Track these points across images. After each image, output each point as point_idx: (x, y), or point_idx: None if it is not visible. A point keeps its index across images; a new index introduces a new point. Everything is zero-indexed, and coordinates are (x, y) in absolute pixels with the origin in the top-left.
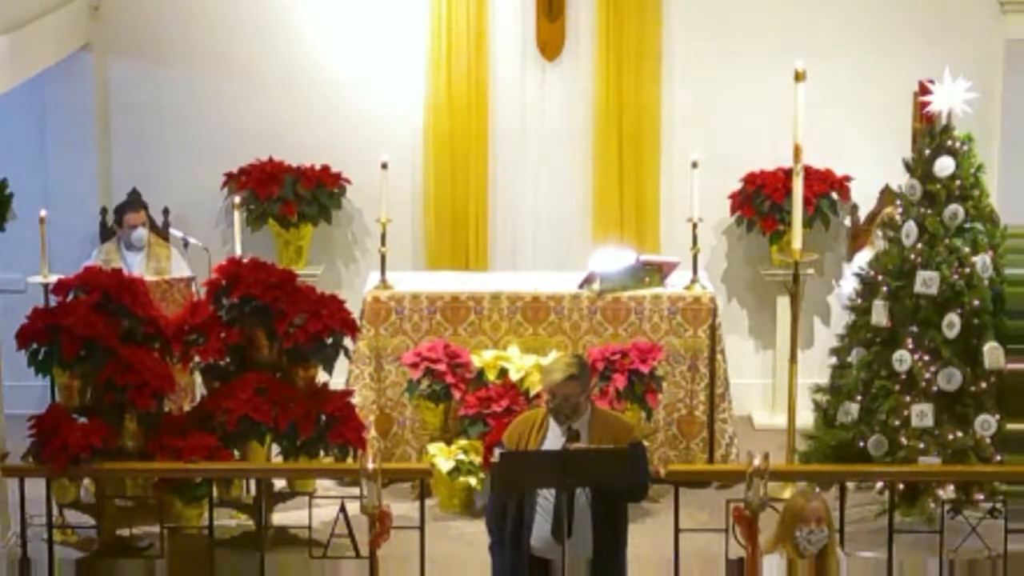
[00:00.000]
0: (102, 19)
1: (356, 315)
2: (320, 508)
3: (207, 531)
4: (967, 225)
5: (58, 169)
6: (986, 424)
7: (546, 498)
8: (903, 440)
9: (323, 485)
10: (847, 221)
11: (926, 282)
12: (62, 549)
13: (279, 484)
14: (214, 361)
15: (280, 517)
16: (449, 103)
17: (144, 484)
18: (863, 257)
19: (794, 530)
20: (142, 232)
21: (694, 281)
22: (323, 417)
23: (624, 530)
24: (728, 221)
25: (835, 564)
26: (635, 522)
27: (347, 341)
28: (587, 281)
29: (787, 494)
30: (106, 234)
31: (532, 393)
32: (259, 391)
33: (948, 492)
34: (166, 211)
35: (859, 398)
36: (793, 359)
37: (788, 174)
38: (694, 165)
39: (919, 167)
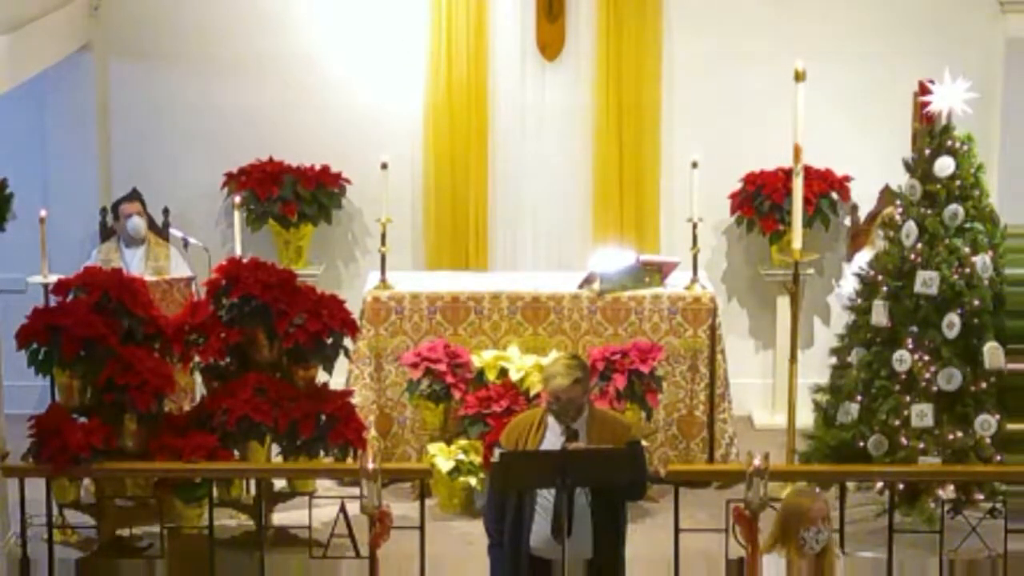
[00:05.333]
0: (102, 19)
1: (356, 315)
2: (320, 508)
3: (207, 531)
4: (967, 225)
5: (58, 169)
6: (986, 424)
7: (546, 498)
8: (903, 440)
9: (323, 485)
10: (847, 221)
11: (926, 282)
12: (62, 549)
13: (279, 484)
14: (214, 361)
15: (280, 517)
16: (449, 103)
17: (144, 484)
18: (863, 257)
19: (799, 530)
20: (137, 221)
21: (694, 281)
22: (323, 417)
23: (623, 530)
24: (728, 221)
25: (834, 563)
26: (635, 522)
27: (347, 341)
28: (587, 281)
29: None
30: (106, 234)
31: (532, 393)
32: (259, 391)
33: (948, 492)
34: (166, 211)
35: (859, 398)
36: (793, 359)
37: (788, 174)
38: (694, 165)
39: (919, 167)
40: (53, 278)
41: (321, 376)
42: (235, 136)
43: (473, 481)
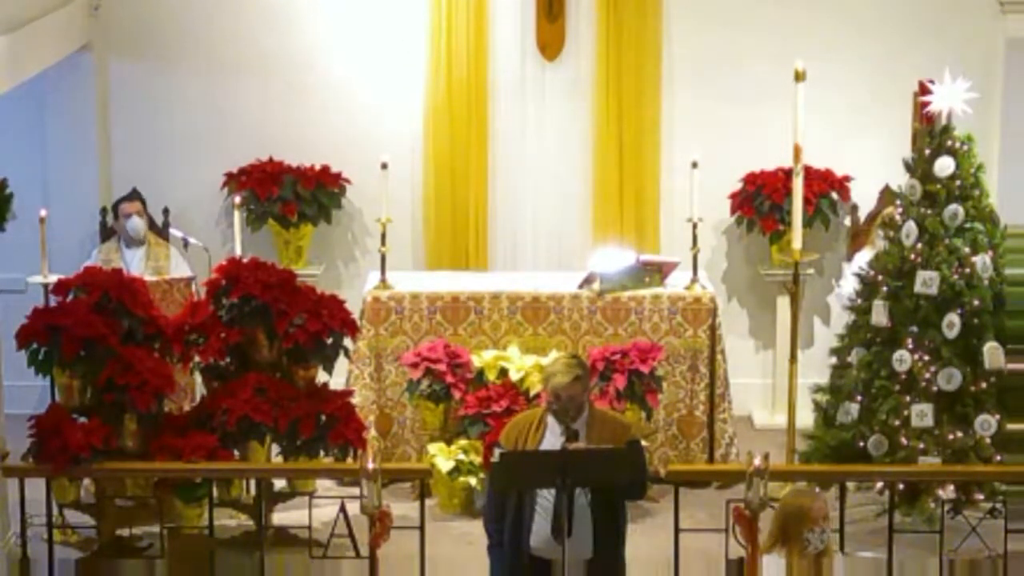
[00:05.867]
0: (102, 19)
1: (356, 315)
2: (320, 508)
3: (207, 531)
4: (967, 225)
5: (58, 169)
6: (986, 424)
7: (546, 498)
8: (903, 440)
9: (323, 485)
10: (847, 221)
11: (926, 282)
12: (62, 549)
13: (279, 484)
14: (214, 361)
15: (280, 517)
16: (449, 103)
17: (144, 484)
18: (863, 257)
19: (803, 531)
20: (137, 221)
21: (694, 281)
22: (323, 417)
23: (624, 530)
24: (728, 221)
25: (834, 563)
26: (635, 522)
27: (347, 341)
28: (587, 281)
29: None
30: (106, 234)
31: (532, 393)
32: (259, 391)
33: (948, 492)
34: (166, 211)
35: (859, 398)
36: (793, 359)
37: (788, 174)
38: (694, 165)
39: (919, 167)
40: (53, 278)
41: (321, 376)
42: (235, 136)
43: (473, 481)
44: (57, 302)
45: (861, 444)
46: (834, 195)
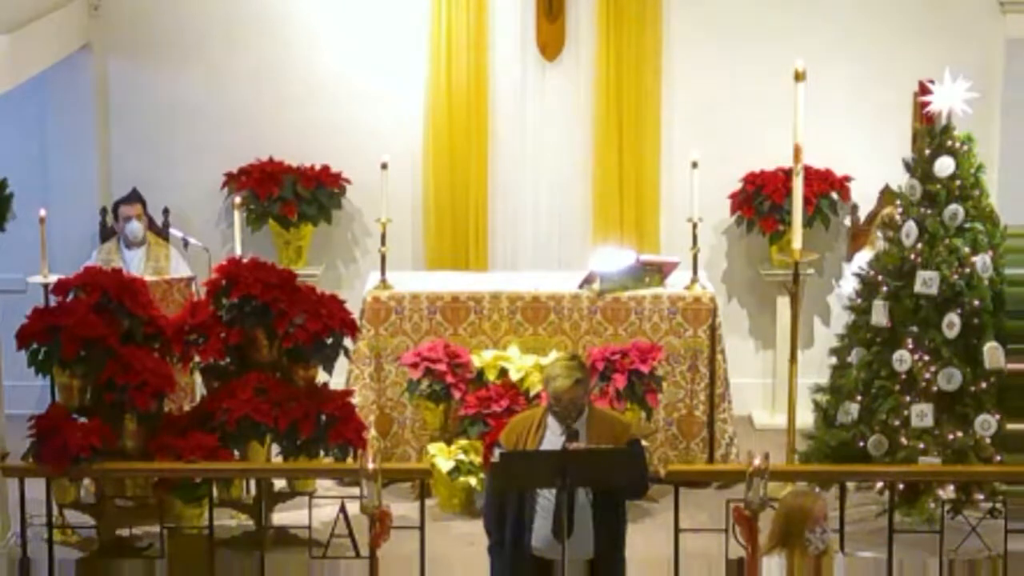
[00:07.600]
0: (102, 19)
1: (356, 315)
2: (320, 508)
3: (207, 531)
4: (967, 225)
5: (58, 169)
6: (986, 424)
7: (547, 498)
8: (903, 440)
9: (323, 485)
10: (847, 221)
11: (926, 282)
12: (62, 549)
13: (279, 484)
14: (214, 361)
15: (280, 517)
16: (449, 103)
17: (144, 484)
18: (863, 257)
19: (805, 531)
20: (136, 225)
21: (694, 281)
22: (323, 417)
23: (624, 529)
24: (728, 221)
25: (834, 563)
26: (635, 522)
27: (347, 341)
28: (587, 281)
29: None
30: (106, 234)
31: (532, 393)
32: (259, 391)
33: (948, 492)
34: (166, 211)
35: (859, 398)
36: (793, 359)
37: (788, 174)
38: (694, 165)
39: (919, 167)
40: (53, 278)
41: (321, 376)
42: (235, 136)
43: (473, 481)
44: (57, 302)
45: (861, 444)
46: (834, 195)
